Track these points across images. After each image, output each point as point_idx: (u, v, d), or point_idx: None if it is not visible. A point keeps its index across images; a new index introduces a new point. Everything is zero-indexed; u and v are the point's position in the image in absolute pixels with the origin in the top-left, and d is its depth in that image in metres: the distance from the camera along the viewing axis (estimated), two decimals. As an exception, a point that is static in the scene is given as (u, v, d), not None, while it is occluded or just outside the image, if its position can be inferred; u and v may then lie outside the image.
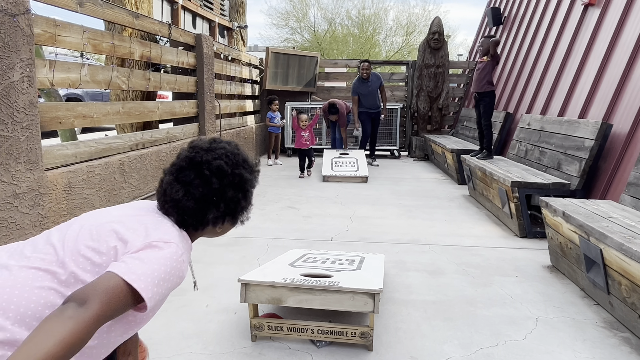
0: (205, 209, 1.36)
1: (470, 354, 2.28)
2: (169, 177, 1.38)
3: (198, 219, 1.36)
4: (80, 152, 3.76)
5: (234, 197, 1.40)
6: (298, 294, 2.27)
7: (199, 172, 1.35)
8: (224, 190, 1.37)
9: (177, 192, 1.34)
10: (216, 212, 1.38)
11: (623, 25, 5.00)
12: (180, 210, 1.35)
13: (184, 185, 1.35)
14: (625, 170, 4.07)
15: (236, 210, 1.43)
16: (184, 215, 1.35)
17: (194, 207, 1.35)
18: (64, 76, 3.57)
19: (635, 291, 2.40)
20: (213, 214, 1.38)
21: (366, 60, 8.20)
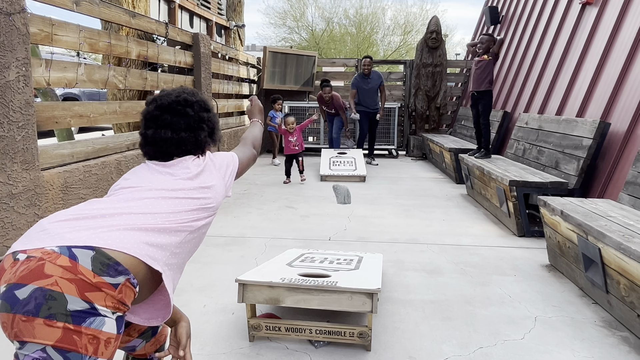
0: (195, 134, 1.58)
1: (468, 354, 2.28)
2: (150, 131, 1.55)
3: (194, 144, 1.59)
4: (76, 151, 3.74)
5: (209, 117, 1.65)
6: (296, 294, 2.26)
7: (172, 111, 1.56)
8: (199, 115, 1.61)
9: (165, 133, 1.53)
10: (204, 132, 1.61)
11: (621, 24, 5.00)
12: (177, 145, 1.54)
13: (167, 127, 1.54)
14: (624, 169, 4.07)
15: (214, 127, 1.68)
16: (181, 146, 1.55)
17: (186, 136, 1.55)
18: (61, 75, 3.55)
19: (633, 290, 2.39)
20: (203, 134, 1.61)
21: (368, 57, 8.16)
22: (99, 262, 1.13)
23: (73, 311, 1.06)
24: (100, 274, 1.12)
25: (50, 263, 1.08)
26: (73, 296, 1.06)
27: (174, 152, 1.55)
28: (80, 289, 1.08)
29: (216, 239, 4.00)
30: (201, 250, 3.70)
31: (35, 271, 1.06)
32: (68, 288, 1.06)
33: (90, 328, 1.08)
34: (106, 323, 1.12)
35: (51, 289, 1.05)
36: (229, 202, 5.34)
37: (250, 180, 6.69)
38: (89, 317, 1.08)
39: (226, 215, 4.77)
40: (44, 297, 1.04)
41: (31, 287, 1.05)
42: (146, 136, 1.56)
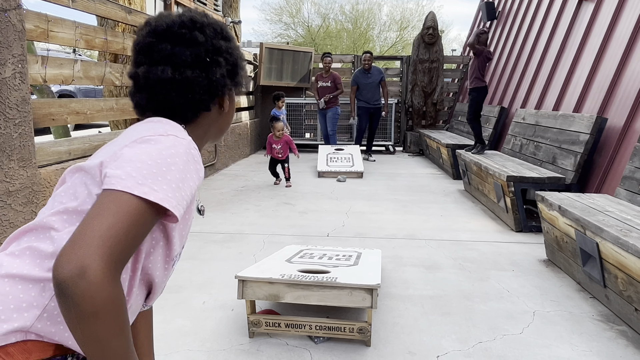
0: (207, 72, 1.05)
1: (468, 349, 2.29)
2: (142, 68, 1.04)
3: (206, 88, 1.06)
4: (73, 149, 3.72)
5: (227, 46, 1.10)
6: (296, 290, 2.26)
7: (174, 36, 1.04)
8: (213, 43, 1.07)
9: (163, 72, 1.02)
10: (220, 69, 1.07)
11: (617, 19, 5.00)
12: (180, 91, 1.03)
13: (166, 62, 1.03)
14: (620, 164, 4.08)
15: (236, 63, 1.12)
16: (187, 93, 1.04)
17: (193, 74, 1.03)
18: (57, 72, 3.53)
19: (631, 284, 2.41)
20: (218, 71, 1.07)
21: (368, 52, 8.24)
22: None
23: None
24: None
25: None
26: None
27: (175, 100, 1.04)
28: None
29: (214, 235, 3.99)
30: (200, 247, 3.70)
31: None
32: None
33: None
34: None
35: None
36: (226, 199, 5.34)
37: (247, 177, 6.68)
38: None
39: (224, 212, 4.76)
40: None
41: None
42: (137, 77, 1.05)
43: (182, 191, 0.88)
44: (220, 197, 5.39)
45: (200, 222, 4.33)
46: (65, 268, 0.72)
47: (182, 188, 0.88)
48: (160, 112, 1.06)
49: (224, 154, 7.35)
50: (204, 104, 1.07)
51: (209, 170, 6.67)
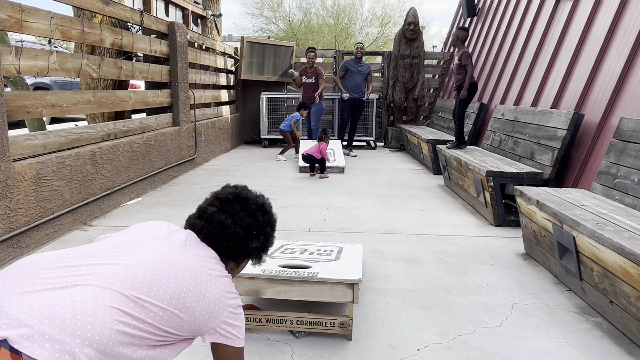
0: (249, 238, 1.45)
1: (447, 341, 2.31)
2: (213, 208, 1.45)
3: (242, 247, 1.44)
4: (49, 142, 3.64)
5: (269, 233, 1.52)
6: (277, 285, 2.25)
7: (245, 205, 1.47)
8: (264, 226, 1.49)
9: (226, 219, 1.42)
10: (257, 243, 1.48)
11: (594, 17, 5.09)
12: (228, 237, 1.41)
13: (231, 215, 1.43)
14: (596, 159, 4.16)
15: (266, 247, 1.53)
16: (230, 241, 1.41)
17: (242, 234, 1.43)
18: (31, 64, 3.45)
19: (606, 277, 2.46)
20: (255, 243, 1.47)
21: (361, 43, 8.55)
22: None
23: None
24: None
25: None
26: None
27: (219, 238, 1.41)
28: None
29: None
30: (179, 242, 3.66)
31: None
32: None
33: None
34: None
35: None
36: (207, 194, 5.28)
37: (228, 172, 6.63)
38: None
39: (204, 206, 4.72)
40: None
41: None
42: (204, 211, 1.46)
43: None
44: (200, 192, 5.34)
45: (181, 217, 4.29)
46: None
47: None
48: (208, 240, 1.41)
49: (204, 148, 7.28)
50: (235, 255, 1.45)
51: (189, 164, 6.61)
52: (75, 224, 3.88)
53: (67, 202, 3.76)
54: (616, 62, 4.39)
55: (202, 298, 1.24)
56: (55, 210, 3.62)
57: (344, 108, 8.39)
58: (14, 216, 3.15)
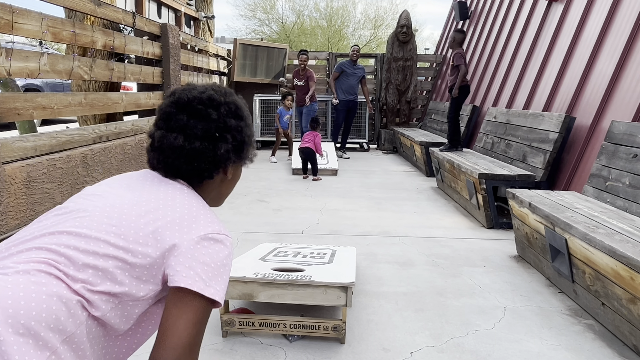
0: (213, 146, 1.19)
1: (441, 344, 2.31)
2: (159, 132, 1.19)
3: (210, 159, 1.20)
4: (40, 144, 3.61)
5: (236, 125, 1.24)
6: (270, 289, 2.24)
7: (191, 110, 1.19)
8: (224, 121, 1.21)
9: (175, 140, 1.17)
10: (226, 145, 1.21)
11: (585, 20, 5.13)
12: (188, 158, 1.17)
13: (180, 131, 1.18)
14: (588, 162, 4.19)
15: (243, 141, 1.26)
16: (194, 161, 1.18)
17: (201, 146, 1.17)
18: (22, 65, 3.42)
19: (598, 279, 2.47)
20: (224, 147, 1.21)
21: (357, 45, 8.60)
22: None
23: None
24: None
25: None
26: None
27: (181, 167, 1.18)
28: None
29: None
30: (172, 245, 3.64)
31: None
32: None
33: None
34: None
35: None
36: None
37: (221, 174, 6.61)
38: None
39: (197, 209, 4.69)
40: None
41: None
42: (153, 138, 1.21)
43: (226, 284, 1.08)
44: (193, 194, 5.32)
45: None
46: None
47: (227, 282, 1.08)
48: (169, 173, 1.20)
49: (197, 150, 7.24)
50: (207, 172, 1.21)
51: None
52: (66, 227, 3.84)
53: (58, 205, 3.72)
54: (607, 65, 4.42)
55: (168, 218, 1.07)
56: (46, 213, 3.58)
57: (339, 110, 8.42)
58: (3, 219, 3.12)
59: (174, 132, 1.18)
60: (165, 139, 1.18)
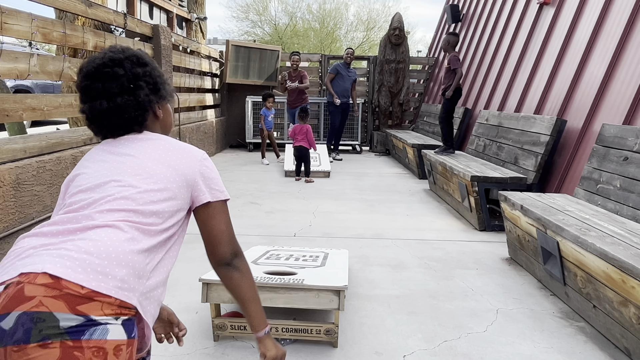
0: (133, 96, 1.33)
1: (433, 347, 2.30)
2: (86, 106, 1.34)
3: (136, 107, 1.34)
4: (29, 146, 3.57)
5: (144, 72, 1.37)
6: (262, 292, 2.23)
7: (101, 76, 1.32)
8: (132, 72, 1.34)
9: (100, 105, 1.31)
10: (143, 91, 1.35)
11: (576, 24, 5.16)
12: (118, 115, 1.32)
13: (100, 97, 1.31)
14: (579, 165, 4.21)
15: (156, 82, 1.40)
16: (124, 114, 1.32)
17: (122, 101, 1.31)
18: (11, 66, 3.38)
19: (590, 282, 2.48)
20: (142, 93, 1.35)
21: (351, 48, 8.58)
22: None
23: (67, 328, 0.97)
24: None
25: (30, 284, 0.98)
26: (63, 313, 0.97)
27: (118, 123, 1.34)
28: (70, 303, 0.98)
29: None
30: (163, 248, 3.61)
31: (16, 297, 0.97)
32: (55, 306, 0.97)
33: (92, 340, 0.98)
34: (110, 331, 1.02)
35: (37, 311, 0.96)
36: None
37: (213, 176, 6.58)
38: (88, 329, 0.98)
39: (189, 211, 4.67)
40: (31, 321, 0.95)
41: (15, 314, 0.96)
42: (85, 113, 1.36)
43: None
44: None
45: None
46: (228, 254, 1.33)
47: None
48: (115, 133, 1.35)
49: (189, 152, 7.21)
50: (141, 117, 1.36)
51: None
52: (56, 230, 3.80)
53: (47, 208, 3.68)
54: (598, 68, 4.45)
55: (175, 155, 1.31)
56: (35, 216, 3.54)
57: (334, 113, 8.42)
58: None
59: (97, 99, 1.31)
60: (93, 109, 1.32)
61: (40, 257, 1.04)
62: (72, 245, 1.08)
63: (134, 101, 1.34)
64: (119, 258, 1.09)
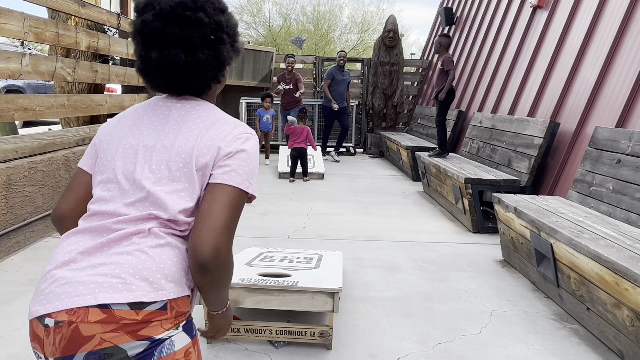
0: (214, 50, 1.12)
1: (428, 350, 2.30)
2: (155, 53, 1.09)
3: (217, 66, 1.14)
4: (21, 147, 3.54)
5: (226, 20, 1.16)
6: (256, 294, 2.22)
7: (180, 19, 1.08)
8: (215, 20, 1.12)
9: (177, 57, 1.08)
10: (225, 46, 1.15)
11: (570, 27, 5.19)
12: (195, 73, 1.11)
13: (176, 45, 1.08)
14: (572, 167, 4.23)
15: (235, 34, 1.20)
16: (201, 73, 1.12)
17: (204, 57, 1.10)
18: (3, 66, 3.34)
19: (583, 284, 2.48)
20: (224, 48, 1.14)
21: (343, 51, 8.60)
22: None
23: (136, 355, 0.96)
24: (142, 308, 0.98)
25: (84, 324, 0.95)
26: (128, 343, 0.96)
27: (192, 83, 1.13)
28: (131, 332, 0.96)
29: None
30: (156, 249, 3.58)
31: (73, 338, 0.95)
32: (117, 339, 0.95)
33: (162, 357, 0.99)
34: (175, 342, 1.02)
35: (102, 348, 0.94)
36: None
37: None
38: (155, 349, 0.98)
39: (182, 213, 4.64)
40: (100, 359, 0.94)
41: (80, 355, 0.95)
42: (149, 60, 1.10)
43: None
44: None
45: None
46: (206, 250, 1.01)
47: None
48: (176, 90, 1.15)
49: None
50: (215, 78, 1.17)
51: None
52: (47, 231, 3.77)
53: (39, 209, 3.65)
54: (591, 71, 4.48)
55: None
56: (27, 217, 3.51)
57: (327, 117, 8.47)
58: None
59: (172, 47, 1.08)
60: (165, 59, 1.08)
61: (84, 286, 0.98)
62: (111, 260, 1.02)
63: (214, 58, 1.13)
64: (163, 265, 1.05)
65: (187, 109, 1.14)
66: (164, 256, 1.03)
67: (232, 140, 1.10)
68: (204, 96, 1.21)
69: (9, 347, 2.22)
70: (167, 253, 1.04)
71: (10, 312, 2.55)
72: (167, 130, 1.11)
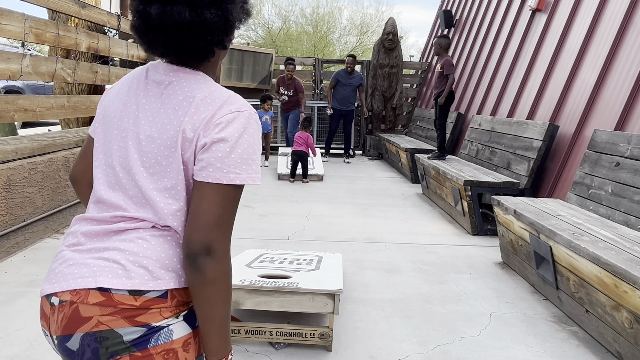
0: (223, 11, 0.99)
1: (428, 352, 2.30)
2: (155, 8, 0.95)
3: (223, 29, 1.00)
4: (21, 148, 3.54)
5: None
6: (256, 296, 2.22)
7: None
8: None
9: (180, 14, 0.94)
10: (235, 6, 1.01)
11: (569, 30, 5.21)
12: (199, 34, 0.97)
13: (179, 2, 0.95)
14: (571, 170, 4.24)
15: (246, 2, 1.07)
16: (207, 35, 0.98)
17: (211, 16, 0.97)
18: (4, 67, 3.35)
19: (582, 286, 2.49)
20: (234, 9, 1.01)
21: (351, 55, 8.53)
22: None
23: (132, 341, 0.95)
24: (140, 295, 0.97)
25: (83, 304, 0.95)
26: (124, 327, 0.95)
27: (193, 47, 0.99)
28: (128, 317, 0.95)
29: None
30: (155, 251, 3.59)
31: (73, 318, 0.96)
32: (114, 322, 0.94)
33: (159, 345, 0.97)
34: (174, 330, 0.99)
35: (98, 330, 0.94)
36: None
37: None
38: (152, 336, 0.97)
39: (181, 214, 4.64)
40: (95, 341, 0.94)
41: (78, 335, 0.95)
42: (147, 16, 0.96)
43: (258, 162, 1.02)
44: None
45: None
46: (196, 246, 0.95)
47: (258, 159, 1.02)
48: (175, 54, 1.01)
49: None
50: (221, 43, 1.03)
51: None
52: (47, 232, 3.77)
53: (38, 210, 3.65)
54: (590, 74, 4.49)
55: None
56: (26, 218, 3.51)
57: (333, 117, 8.52)
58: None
59: (175, 3, 0.95)
60: (166, 16, 0.95)
61: (87, 268, 0.99)
62: (113, 246, 1.02)
63: (222, 19, 0.99)
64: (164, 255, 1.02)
65: (182, 85, 1.02)
66: (166, 245, 1.02)
67: (211, 127, 0.97)
68: (206, 64, 1.07)
69: (9, 347, 2.22)
70: (169, 243, 1.03)
71: (10, 312, 2.55)
72: (155, 116, 1.01)
